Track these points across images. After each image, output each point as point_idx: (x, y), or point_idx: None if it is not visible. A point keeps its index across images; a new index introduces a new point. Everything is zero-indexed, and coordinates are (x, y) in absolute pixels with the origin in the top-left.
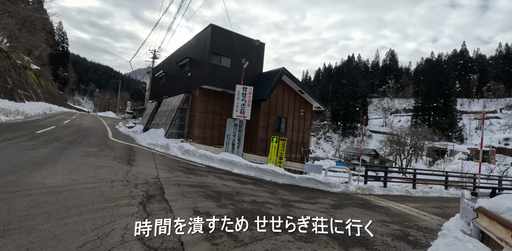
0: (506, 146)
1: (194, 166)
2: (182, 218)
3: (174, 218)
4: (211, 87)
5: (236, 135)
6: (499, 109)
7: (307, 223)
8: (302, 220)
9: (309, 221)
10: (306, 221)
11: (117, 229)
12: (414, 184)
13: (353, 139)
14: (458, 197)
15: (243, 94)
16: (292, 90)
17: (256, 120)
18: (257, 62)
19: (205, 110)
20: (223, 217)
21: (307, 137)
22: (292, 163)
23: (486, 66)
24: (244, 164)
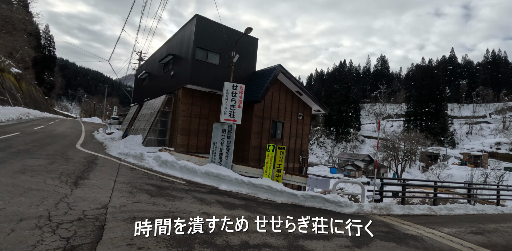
0: (498, 150)
1: (170, 183)
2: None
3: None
4: (197, 87)
5: (225, 142)
6: (488, 114)
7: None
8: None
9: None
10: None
11: None
12: (435, 200)
13: (346, 145)
14: (487, 214)
15: (233, 93)
16: (289, 91)
17: (248, 124)
18: (249, 59)
19: (190, 113)
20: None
21: (306, 144)
22: (293, 176)
23: (474, 71)
24: (233, 178)
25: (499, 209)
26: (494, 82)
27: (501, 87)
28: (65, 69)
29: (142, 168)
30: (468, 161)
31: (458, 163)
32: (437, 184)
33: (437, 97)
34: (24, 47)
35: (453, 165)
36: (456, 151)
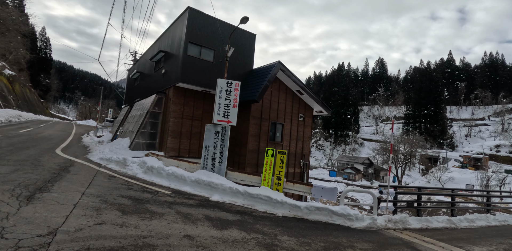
0: (498, 153)
1: (152, 194)
2: None
3: None
4: (189, 85)
5: (218, 146)
6: (487, 116)
7: None
8: None
9: None
10: None
11: None
12: (453, 211)
13: (345, 147)
14: (509, 226)
15: (227, 91)
16: (289, 90)
17: (245, 126)
18: (246, 56)
19: (181, 114)
20: None
21: (307, 147)
22: (294, 185)
23: (472, 74)
24: (227, 187)
25: None
26: (492, 84)
27: (499, 89)
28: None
29: (124, 176)
30: (468, 164)
31: (459, 165)
32: (455, 192)
33: (436, 99)
34: (18, 48)
35: (453, 168)
36: (455, 154)
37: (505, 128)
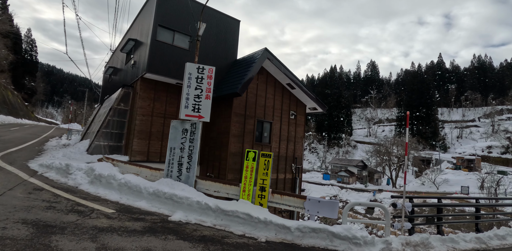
0: (490, 154)
1: (81, 216)
2: None
3: None
4: (160, 77)
5: (186, 148)
6: (477, 118)
7: None
8: None
9: None
10: None
11: None
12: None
13: (338, 150)
14: None
15: (198, 78)
16: (278, 84)
17: (225, 125)
18: (229, 45)
19: (151, 111)
20: None
21: (299, 149)
22: (283, 197)
23: (462, 76)
24: (194, 202)
25: None
26: (482, 86)
27: (489, 91)
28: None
29: (59, 188)
30: (461, 165)
31: (452, 167)
32: (479, 202)
33: (427, 101)
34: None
35: (447, 169)
36: (448, 155)
37: (495, 129)
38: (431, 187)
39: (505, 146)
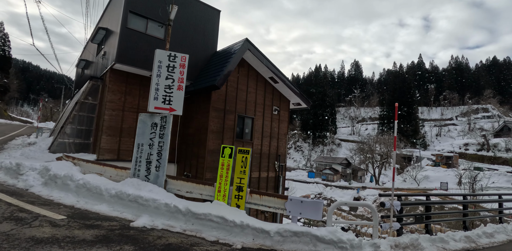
0: (466, 151)
1: (19, 224)
2: None
3: None
4: (132, 68)
5: (155, 144)
6: (455, 116)
7: None
8: None
9: None
10: None
11: None
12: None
13: (323, 148)
14: None
15: (170, 67)
16: (261, 77)
17: (204, 120)
18: (208, 37)
19: (122, 106)
20: None
21: (283, 146)
22: (262, 197)
23: (441, 76)
24: (162, 204)
25: None
26: (459, 86)
27: (465, 91)
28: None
29: (3, 191)
30: (440, 162)
31: (431, 164)
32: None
33: (409, 100)
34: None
35: (427, 166)
36: (428, 153)
37: (471, 127)
38: (412, 184)
39: (481, 143)
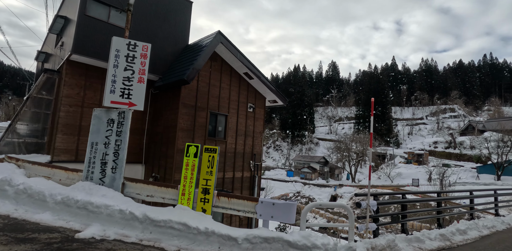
0: (435, 149)
1: None
2: None
3: None
4: (92, 60)
5: (112, 143)
6: (425, 116)
7: None
8: None
9: None
10: None
11: None
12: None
13: (301, 147)
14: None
15: (129, 57)
16: (235, 73)
17: (172, 117)
18: (179, 29)
19: (81, 101)
20: None
21: (259, 145)
22: (231, 200)
23: (412, 78)
24: (116, 210)
25: (505, 221)
26: (429, 87)
27: (435, 92)
28: None
29: None
30: (412, 160)
31: (404, 161)
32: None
33: (383, 100)
34: None
35: (400, 163)
36: (400, 151)
37: (440, 126)
38: (386, 181)
39: (448, 141)
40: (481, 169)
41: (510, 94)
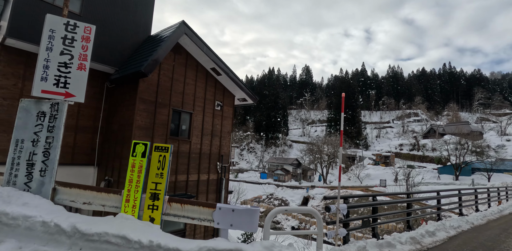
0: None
1: None
2: None
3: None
4: (32, 46)
5: (41, 141)
6: (392, 120)
7: None
8: None
9: None
10: None
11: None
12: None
13: (275, 149)
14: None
15: (67, 39)
16: (201, 68)
17: (129, 114)
18: (140, 18)
19: (19, 93)
20: None
21: (227, 145)
22: (185, 206)
23: (380, 83)
24: (39, 222)
25: (469, 221)
26: (395, 93)
27: (400, 97)
28: None
29: None
30: (380, 161)
31: (372, 163)
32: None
33: (353, 104)
34: None
35: (369, 165)
36: (369, 153)
37: (405, 130)
38: (356, 182)
39: (412, 144)
40: (441, 170)
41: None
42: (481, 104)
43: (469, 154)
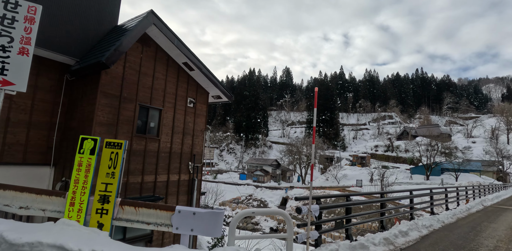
0: (376, 152)
1: None
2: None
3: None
4: None
5: None
6: (368, 122)
7: None
8: None
9: None
10: None
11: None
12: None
13: (255, 150)
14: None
15: (6, 18)
16: (172, 62)
17: (89, 109)
18: (106, 6)
19: None
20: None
21: (199, 144)
22: (139, 209)
23: (357, 87)
24: None
25: (440, 219)
26: (372, 96)
27: (376, 100)
28: None
29: None
30: (356, 162)
31: (349, 164)
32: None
33: (332, 106)
34: None
35: (346, 165)
36: (346, 154)
37: (380, 131)
38: (333, 182)
39: (387, 145)
40: (413, 170)
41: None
42: (450, 108)
43: (439, 155)
